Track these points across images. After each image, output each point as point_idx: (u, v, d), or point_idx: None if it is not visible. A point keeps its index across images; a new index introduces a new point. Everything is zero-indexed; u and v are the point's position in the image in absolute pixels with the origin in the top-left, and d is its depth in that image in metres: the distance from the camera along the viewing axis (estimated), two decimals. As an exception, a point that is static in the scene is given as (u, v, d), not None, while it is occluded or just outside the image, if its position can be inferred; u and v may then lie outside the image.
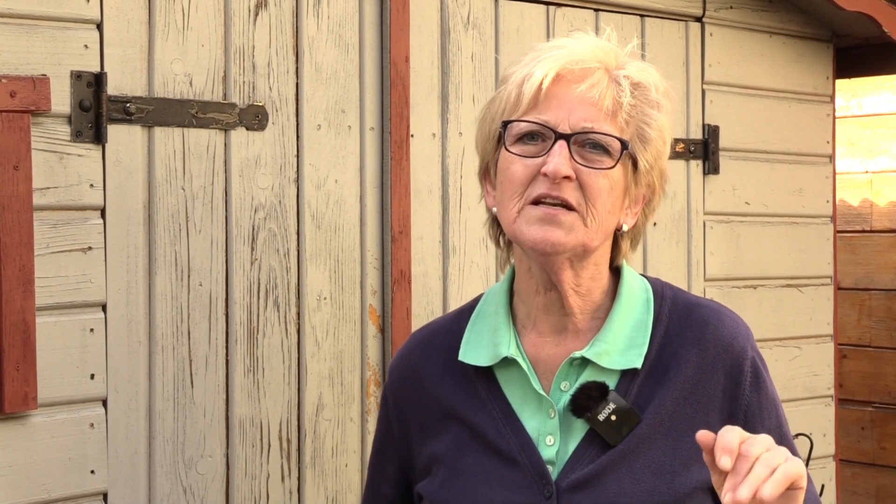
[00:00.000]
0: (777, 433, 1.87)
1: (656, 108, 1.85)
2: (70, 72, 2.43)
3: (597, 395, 1.81)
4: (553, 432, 1.84)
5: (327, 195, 2.82)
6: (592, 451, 1.82)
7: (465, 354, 1.91)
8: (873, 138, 5.34)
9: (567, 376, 1.85)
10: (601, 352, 1.84)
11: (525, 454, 1.84)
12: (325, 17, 2.82)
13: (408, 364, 2.01)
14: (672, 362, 1.85)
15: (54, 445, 2.42)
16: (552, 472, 1.83)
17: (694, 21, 3.55)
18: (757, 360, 1.89)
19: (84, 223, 2.46)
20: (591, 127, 1.79)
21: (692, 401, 1.84)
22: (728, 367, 1.85)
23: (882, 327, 5.25)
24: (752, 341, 1.89)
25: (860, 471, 5.30)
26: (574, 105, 1.80)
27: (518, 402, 1.87)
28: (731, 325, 1.89)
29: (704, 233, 3.57)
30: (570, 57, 1.81)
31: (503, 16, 3.15)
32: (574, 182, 1.79)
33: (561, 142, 1.78)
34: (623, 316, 1.87)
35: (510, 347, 1.87)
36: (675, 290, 1.96)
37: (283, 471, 2.75)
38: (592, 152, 1.80)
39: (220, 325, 2.66)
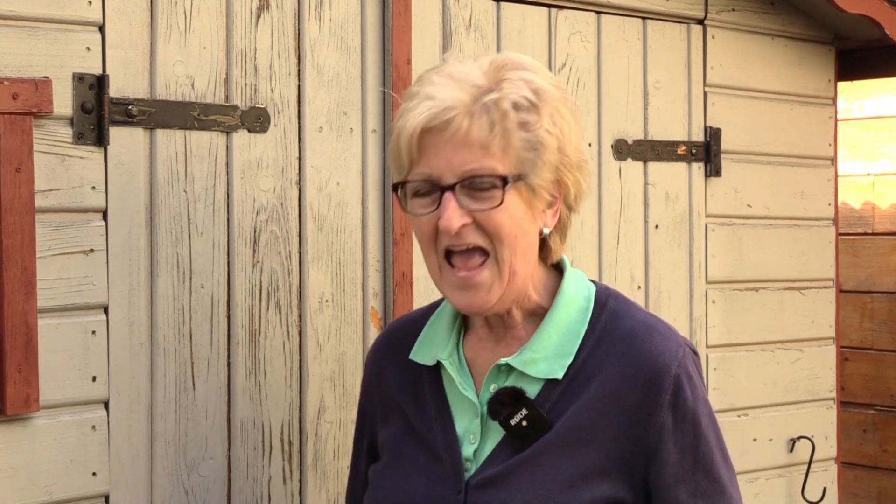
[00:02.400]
0: (691, 455, 1.86)
1: (535, 112, 1.84)
2: (72, 74, 2.44)
3: (509, 401, 1.86)
4: (476, 432, 1.91)
5: (329, 197, 2.82)
6: (505, 453, 1.88)
7: (416, 353, 2.02)
8: (875, 141, 5.34)
9: (496, 380, 1.91)
10: (527, 360, 1.89)
11: (447, 450, 1.92)
12: (326, 19, 2.82)
13: (376, 353, 2.14)
14: (595, 374, 1.87)
15: (56, 447, 2.42)
16: (469, 470, 1.90)
17: (696, 23, 3.55)
18: (682, 377, 1.87)
19: (86, 225, 2.46)
20: (471, 170, 1.82)
21: (605, 413, 1.86)
22: (647, 383, 1.85)
23: (884, 330, 5.25)
24: (680, 359, 1.87)
25: (862, 474, 5.30)
26: (450, 151, 1.82)
27: (454, 401, 1.96)
28: (660, 341, 1.88)
29: (706, 235, 3.57)
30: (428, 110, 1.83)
31: (505, 18, 3.15)
32: (472, 225, 1.83)
33: (447, 194, 1.82)
34: (555, 325, 1.91)
35: (444, 351, 1.96)
36: (620, 301, 1.96)
37: (285, 473, 2.75)
38: (481, 193, 1.83)
39: (222, 327, 2.66)
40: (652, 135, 3.44)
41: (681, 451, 1.86)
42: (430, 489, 1.91)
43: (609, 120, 3.34)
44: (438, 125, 1.82)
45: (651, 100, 3.43)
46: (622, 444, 1.85)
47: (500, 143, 1.82)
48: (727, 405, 3.55)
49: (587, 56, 3.30)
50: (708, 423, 1.90)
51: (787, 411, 3.71)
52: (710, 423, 1.91)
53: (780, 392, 3.71)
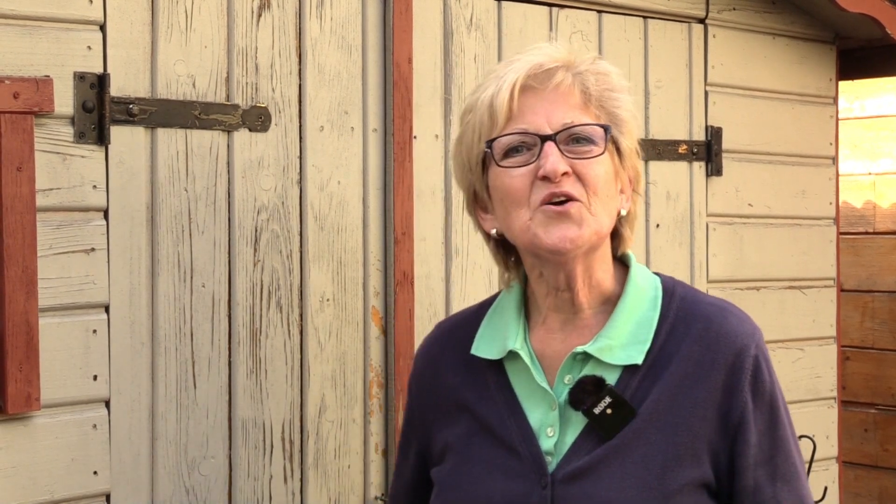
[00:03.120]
0: (768, 437, 1.87)
1: (621, 91, 1.91)
2: (73, 73, 2.44)
3: (592, 389, 1.85)
4: (553, 424, 1.88)
5: (330, 196, 2.82)
6: (589, 443, 1.85)
7: (478, 348, 1.98)
8: (876, 140, 5.34)
9: (571, 370, 1.89)
10: (603, 347, 1.87)
11: (525, 445, 1.89)
12: (328, 18, 2.82)
13: (428, 354, 2.09)
14: (673, 358, 1.87)
15: (57, 446, 2.43)
16: (550, 463, 1.87)
17: (697, 23, 3.55)
18: (760, 359, 1.88)
19: (87, 224, 2.46)
20: (571, 122, 1.85)
21: (690, 396, 1.85)
22: (728, 364, 1.86)
23: (885, 329, 5.24)
24: (757, 340, 1.89)
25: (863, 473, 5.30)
26: (548, 107, 1.85)
27: (524, 394, 1.92)
28: (736, 323, 1.89)
29: (707, 235, 3.57)
30: (529, 64, 1.87)
31: (506, 17, 3.15)
32: (572, 176, 1.84)
33: (548, 143, 1.83)
34: (628, 312, 1.90)
35: (516, 341, 1.93)
36: (687, 288, 1.98)
37: (286, 472, 2.75)
38: (579, 145, 1.85)
39: (223, 326, 2.66)
40: (653, 134, 3.44)
41: (760, 432, 1.86)
42: (510, 485, 1.87)
43: (610, 119, 3.34)
44: (540, 78, 1.85)
45: (652, 99, 3.43)
46: (707, 424, 1.84)
47: (597, 103, 1.88)
48: (728, 404, 3.55)
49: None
50: (783, 407, 1.92)
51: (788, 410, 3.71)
52: (784, 406, 1.93)
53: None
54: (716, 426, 1.84)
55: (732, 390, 1.85)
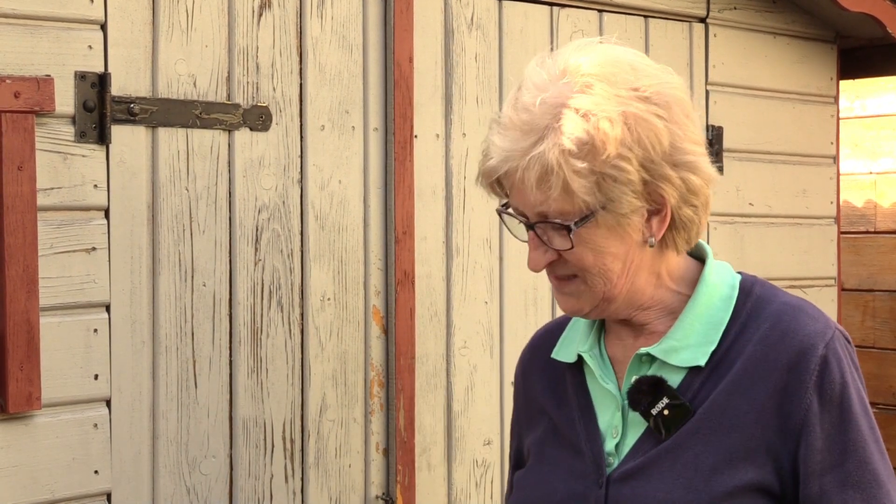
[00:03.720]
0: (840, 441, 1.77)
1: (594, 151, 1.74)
2: (74, 72, 2.44)
3: (647, 390, 1.82)
4: (618, 425, 1.88)
5: (331, 196, 2.82)
6: (647, 445, 1.84)
7: (557, 352, 1.99)
8: (877, 139, 5.34)
9: (638, 372, 1.87)
10: (668, 348, 1.85)
11: (589, 445, 1.89)
12: (328, 17, 2.82)
13: (523, 360, 2.10)
14: (738, 359, 1.82)
15: (58, 445, 2.43)
16: (612, 464, 1.87)
17: (698, 22, 3.55)
18: (831, 358, 1.78)
19: (88, 224, 2.47)
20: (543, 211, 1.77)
21: (748, 396, 1.79)
22: (792, 363, 1.78)
23: (886, 328, 5.24)
24: (828, 339, 1.79)
25: (864, 472, 5.29)
26: (524, 193, 1.78)
27: (597, 396, 1.93)
28: (806, 321, 1.81)
29: (708, 234, 3.57)
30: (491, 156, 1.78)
31: (507, 17, 3.15)
32: (560, 259, 1.81)
33: (531, 233, 1.80)
34: (696, 313, 1.87)
35: (585, 345, 1.93)
36: (767, 287, 1.91)
37: (287, 471, 2.76)
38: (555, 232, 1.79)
39: (224, 325, 2.66)
40: (654, 133, 3.43)
41: (828, 436, 1.77)
42: (570, 485, 1.88)
43: (611, 118, 3.34)
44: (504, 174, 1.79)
45: (653, 98, 3.43)
46: (766, 426, 1.77)
47: (560, 192, 1.76)
48: (729, 403, 3.55)
49: (589, 54, 3.29)
50: (860, 410, 1.79)
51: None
52: (861, 409, 1.80)
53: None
54: (776, 429, 1.77)
55: (795, 391, 1.77)
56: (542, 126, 1.77)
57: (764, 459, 1.78)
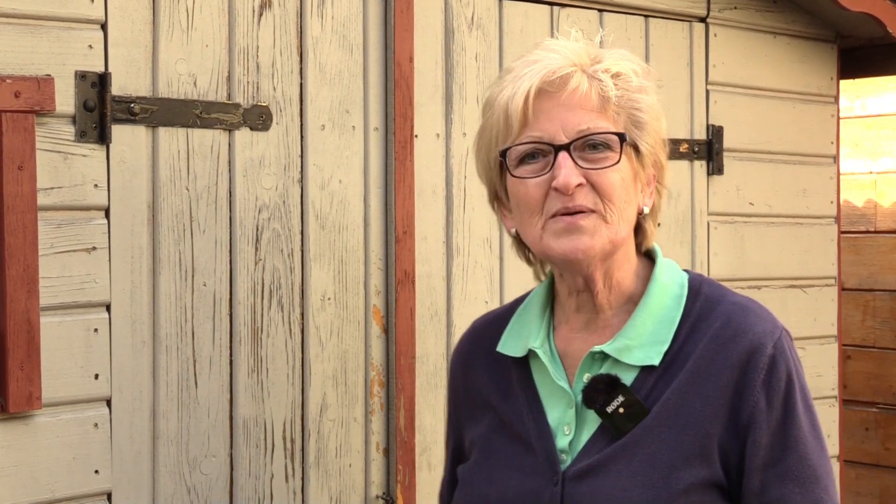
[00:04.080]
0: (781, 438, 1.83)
1: (641, 91, 1.89)
2: (74, 72, 2.44)
3: (604, 388, 1.84)
4: (570, 423, 1.89)
5: (331, 195, 2.82)
6: (602, 442, 1.85)
7: (503, 345, 1.98)
8: (877, 139, 5.34)
9: (590, 369, 1.89)
10: (621, 347, 1.87)
11: (541, 442, 1.89)
12: (329, 17, 2.82)
13: (460, 352, 2.10)
14: (690, 358, 1.86)
15: (58, 445, 2.43)
16: (564, 461, 1.87)
17: (698, 21, 3.55)
18: (778, 357, 1.84)
19: (88, 223, 2.47)
20: (587, 129, 1.82)
21: (701, 395, 1.83)
22: (742, 362, 1.83)
23: (886, 328, 5.24)
24: (776, 339, 1.86)
25: (864, 472, 5.30)
26: (563, 113, 1.83)
27: (546, 392, 1.92)
28: (754, 321, 1.87)
29: (708, 233, 3.57)
30: (545, 69, 1.83)
31: (507, 16, 3.15)
32: (586, 186, 1.82)
33: (562, 153, 1.81)
34: (650, 311, 1.89)
35: (536, 340, 1.93)
36: (714, 287, 1.95)
37: (287, 471, 2.76)
38: (594, 153, 1.83)
39: (224, 325, 2.66)
40: (654, 133, 3.43)
41: (772, 432, 1.82)
42: (523, 482, 1.88)
43: (611, 118, 3.34)
44: (556, 83, 1.82)
45: (653, 98, 3.43)
46: (718, 424, 1.82)
47: (615, 107, 1.85)
48: (729, 403, 3.55)
49: (589, 54, 3.29)
50: (802, 408, 1.85)
51: (789, 409, 3.71)
52: (804, 407, 1.86)
53: (782, 390, 3.70)
54: (726, 425, 1.82)
55: (743, 389, 1.82)
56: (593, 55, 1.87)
57: (716, 456, 1.82)
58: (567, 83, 1.82)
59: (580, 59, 1.85)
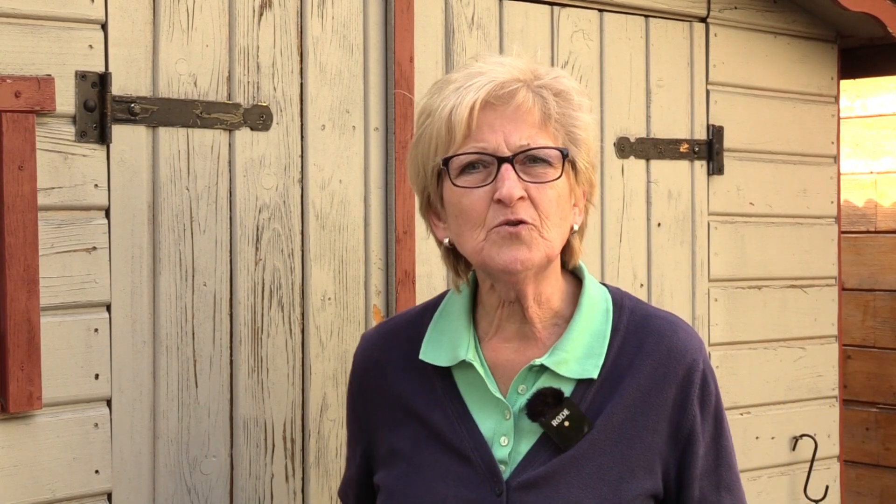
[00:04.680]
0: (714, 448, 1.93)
1: (580, 109, 1.91)
2: (74, 72, 2.44)
3: (551, 402, 1.87)
4: (507, 433, 1.90)
5: (331, 195, 2.82)
6: (544, 454, 1.87)
7: (426, 353, 1.98)
8: (878, 139, 5.34)
9: (525, 380, 1.91)
10: (559, 360, 1.90)
11: (478, 452, 1.90)
12: (329, 17, 2.82)
13: (371, 356, 2.09)
14: (627, 372, 1.90)
15: (59, 445, 2.43)
16: (504, 472, 1.88)
17: (698, 21, 3.55)
18: (707, 372, 1.94)
19: (88, 223, 2.47)
20: (529, 143, 1.84)
21: (644, 409, 1.89)
22: (680, 378, 1.90)
23: (887, 328, 5.24)
24: (703, 354, 1.94)
25: (864, 472, 5.30)
26: (506, 126, 1.85)
27: (474, 402, 1.93)
28: (685, 337, 1.94)
29: (709, 233, 3.57)
30: (491, 82, 1.85)
31: (507, 16, 3.15)
32: (526, 200, 1.85)
33: (505, 165, 1.83)
34: (583, 325, 1.92)
35: (468, 351, 1.93)
36: (634, 300, 2.01)
37: (287, 471, 2.76)
38: (535, 166, 1.85)
39: (225, 325, 2.66)
40: (654, 133, 3.44)
41: (707, 444, 1.91)
42: (462, 492, 1.89)
43: (611, 118, 3.34)
44: (501, 97, 1.85)
45: (653, 98, 3.43)
46: (659, 437, 1.89)
47: (555, 123, 1.87)
48: (730, 403, 3.55)
49: (590, 54, 3.30)
50: (725, 418, 1.97)
51: (789, 409, 3.71)
52: (725, 417, 1.98)
53: (782, 390, 3.71)
54: (666, 439, 1.89)
55: (683, 404, 1.90)
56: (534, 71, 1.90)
57: (657, 468, 1.89)
58: (513, 97, 1.85)
59: (524, 75, 1.88)
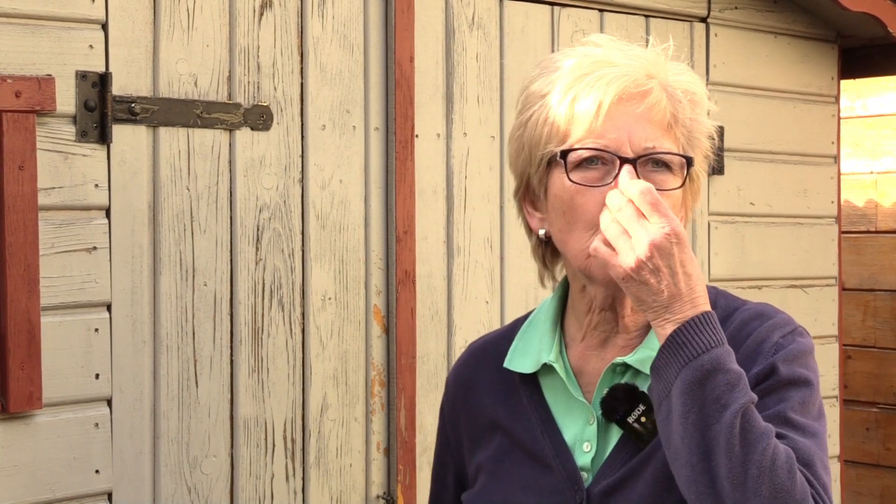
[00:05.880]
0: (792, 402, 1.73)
1: (705, 115, 1.80)
2: (75, 72, 2.44)
3: (624, 398, 1.78)
4: (591, 439, 1.82)
5: (332, 195, 2.82)
6: (624, 455, 1.79)
7: (511, 361, 1.90)
8: (878, 139, 5.34)
9: (610, 383, 1.82)
10: (644, 358, 1.80)
11: (559, 460, 1.82)
12: (329, 17, 2.82)
13: (460, 375, 2.00)
14: None
15: (59, 445, 2.43)
16: (587, 478, 1.81)
17: (699, 21, 3.55)
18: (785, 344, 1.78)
19: (89, 223, 2.47)
20: (654, 147, 1.73)
21: None
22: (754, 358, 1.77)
23: (887, 328, 5.24)
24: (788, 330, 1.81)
25: (865, 472, 5.30)
26: (633, 125, 1.73)
27: (560, 409, 1.86)
28: (770, 325, 1.82)
29: (709, 233, 3.57)
30: (625, 76, 1.74)
31: (508, 16, 3.15)
32: None
33: (627, 166, 1.71)
34: None
35: (551, 354, 1.85)
36: (730, 298, 1.90)
37: (288, 471, 2.76)
38: (655, 171, 1.74)
39: (225, 325, 2.66)
40: (655, 133, 3.43)
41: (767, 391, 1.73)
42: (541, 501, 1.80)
43: (612, 118, 3.34)
44: (635, 94, 1.73)
45: (654, 98, 3.43)
46: None
47: (681, 127, 1.76)
48: (730, 403, 3.55)
49: (590, 54, 3.29)
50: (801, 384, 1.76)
51: (789, 409, 3.71)
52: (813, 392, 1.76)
53: (782, 390, 3.70)
54: None
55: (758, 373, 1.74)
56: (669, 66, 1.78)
57: None
58: (645, 97, 1.73)
59: (658, 72, 1.76)
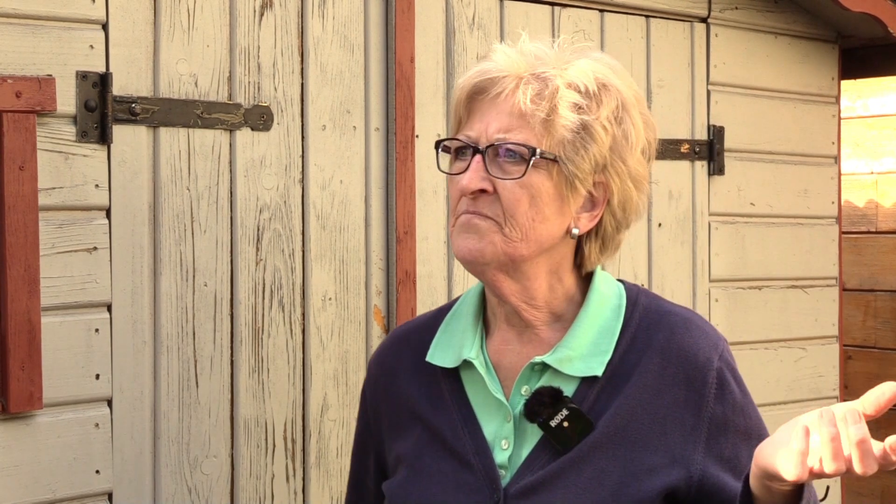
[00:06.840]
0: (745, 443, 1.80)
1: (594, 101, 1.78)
2: (75, 72, 2.44)
3: (549, 401, 1.78)
4: (508, 437, 1.82)
5: (332, 196, 2.82)
6: (544, 457, 1.79)
7: (433, 355, 1.91)
8: (879, 139, 5.34)
9: (528, 381, 1.83)
10: (563, 358, 1.81)
11: (478, 457, 1.82)
12: (330, 17, 2.82)
13: (383, 361, 2.01)
14: (634, 370, 1.80)
15: (59, 445, 2.43)
16: (504, 477, 1.81)
17: (699, 22, 3.55)
18: (724, 370, 1.81)
19: (89, 223, 2.47)
20: (504, 138, 1.76)
21: (650, 411, 1.79)
22: (690, 379, 1.79)
23: (887, 328, 5.24)
24: (721, 351, 1.82)
25: (865, 472, 5.29)
26: (491, 117, 1.79)
27: (480, 405, 1.86)
28: (698, 335, 1.82)
29: (709, 234, 3.57)
30: (484, 70, 1.80)
31: (508, 16, 3.15)
32: (493, 195, 1.77)
33: (476, 156, 1.78)
34: (589, 322, 1.83)
35: (472, 350, 1.86)
36: (652, 297, 1.90)
37: (288, 471, 2.76)
38: (508, 162, 1.77)
39: (226, 325, 2.66)
40: (655, 133, 3.43)
41: (734, 443, 1.79)
42: (461, 499, 1.81)
43: (612, 118, 3.34)
44: (484, 85, 1.79)
45: (654, 98, 3.43)
46: (669, 440, 1.77)
47: (542, 119, 1.76)
48: (730, 403, 3.55)
49: (590, 54, 3.29)
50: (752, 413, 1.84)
51: (790, 410, 3.71)
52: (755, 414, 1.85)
53: (783, 390, 3.71)
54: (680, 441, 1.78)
55: (698, 406, 1.78)
56: (550, 62, 1.80)
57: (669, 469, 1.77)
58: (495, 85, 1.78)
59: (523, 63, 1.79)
